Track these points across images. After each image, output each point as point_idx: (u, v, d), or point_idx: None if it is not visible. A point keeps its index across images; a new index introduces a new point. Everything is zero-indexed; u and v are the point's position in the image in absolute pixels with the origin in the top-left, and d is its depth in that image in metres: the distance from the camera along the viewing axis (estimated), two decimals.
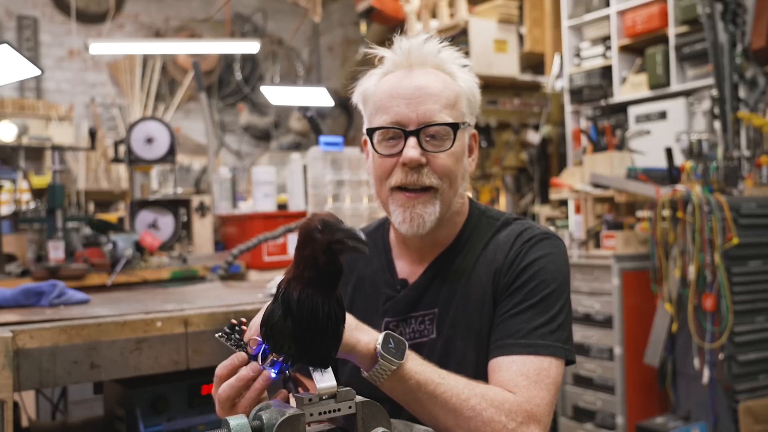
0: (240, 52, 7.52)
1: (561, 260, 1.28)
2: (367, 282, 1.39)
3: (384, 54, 1.33)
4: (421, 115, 1.24)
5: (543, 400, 1.15)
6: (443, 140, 1.25)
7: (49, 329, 1.66)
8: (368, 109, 1.33)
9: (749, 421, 3.05)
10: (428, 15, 5.51)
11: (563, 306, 1.24)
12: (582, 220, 3.78)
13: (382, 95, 1.28)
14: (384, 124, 1.26)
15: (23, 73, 3.07)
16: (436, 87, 1.26)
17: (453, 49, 1.34)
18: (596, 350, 3.54)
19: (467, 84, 1.32)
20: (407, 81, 1.27)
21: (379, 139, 1.28)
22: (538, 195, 5.28)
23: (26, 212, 3.40)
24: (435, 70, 1.30)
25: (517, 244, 1.28)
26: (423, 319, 1.30)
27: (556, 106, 5.32)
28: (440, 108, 1.25)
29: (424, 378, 1.10)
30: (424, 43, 1.30)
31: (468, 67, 1.34)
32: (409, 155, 1.23)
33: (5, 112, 6.23)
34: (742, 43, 3.81)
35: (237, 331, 1.11)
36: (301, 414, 0.91)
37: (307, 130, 7.54)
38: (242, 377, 1.03)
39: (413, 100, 1.24)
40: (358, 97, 1.35)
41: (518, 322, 1.21)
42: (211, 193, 4.00)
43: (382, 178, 1.28)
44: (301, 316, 0.94)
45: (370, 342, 1.09)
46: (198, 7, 7.84)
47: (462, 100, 1.30)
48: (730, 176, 3.40)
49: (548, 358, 1.18)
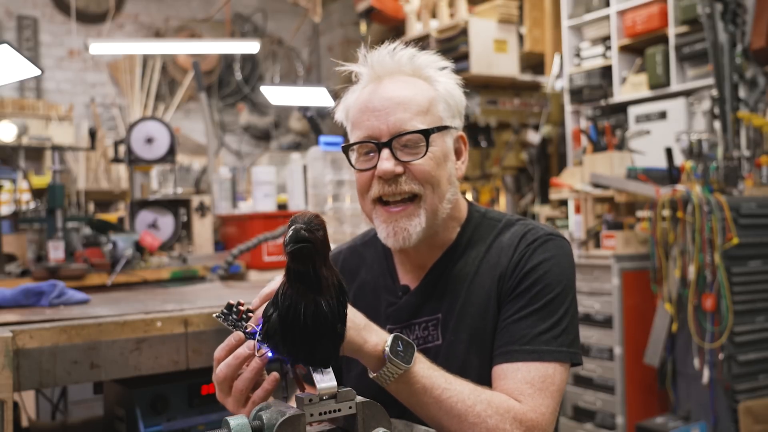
0: (240, 52, 7.52)
1: (566, 261, 1.26)
2: (368, 288, 1.38)
3: (355, 69, 1.32)
4: (391, 125, 1.23)
5: (548, 408, 1.14)
6: (417, 147, 1.23)
7: (49, 329, 1.66)
8: (348, 126, 1.33)
9: (749, 421, 3.05)
10: (428, 15, 5.51)
11: (568, 308, 1.23)
12: (582, 220, 3.78)
13: (355, 111, 1.28)
14: (357, 139, 1.26)
15: (23, 73, 3.07)
16: (405, 95, 1.24)
17: (430, 54, 1.32)
18: (596, 350, 3.54)
19: (445, 87, 1.29)
20: (377, 94, 1.26)
21: (356, 155, 1.28)
22: (538, 195, 5.28)
23: (26, 212, 3.39)
24: (408, 78, 1.28)
25: (521, 247, 1.26)
26: (426, 325, 1.29)
27: (556, 106, 5.32)
28: (411, 116, 1.23)
29: (431, 382, 1.10)
30: (392, 54, 1.29)
31: (447, 69, 1.32)
32: (383, 168, 1.22)
33: (5, 112, 6.23)
34: (742, 43, 3.81)
35: (234, 312, 1.10)
36: (301, 414, 0.91)
37: (307, 130, 7.54)
38: (238, 355, 1.04)
39: (382, 112, 1.23)
40: (341, 115, 1.35)
41: (522, 327, 1.20)
42: (211, 193, 4.00)
43: (363, 192, 1.28)
44: (285, 318, 0.94)
45: (378, 343, 1.08)
46: (198, 7, 7.84)
47: (438, 103, 1.27)
48: (730, 176, 3.40)
49: (553, 364, 1.17)
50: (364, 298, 1.37)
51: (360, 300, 1.36)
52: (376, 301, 1.35)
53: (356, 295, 1.38)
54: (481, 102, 5.18)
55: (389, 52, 1.29)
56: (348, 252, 1.47)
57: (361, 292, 1.38)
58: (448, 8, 5.41)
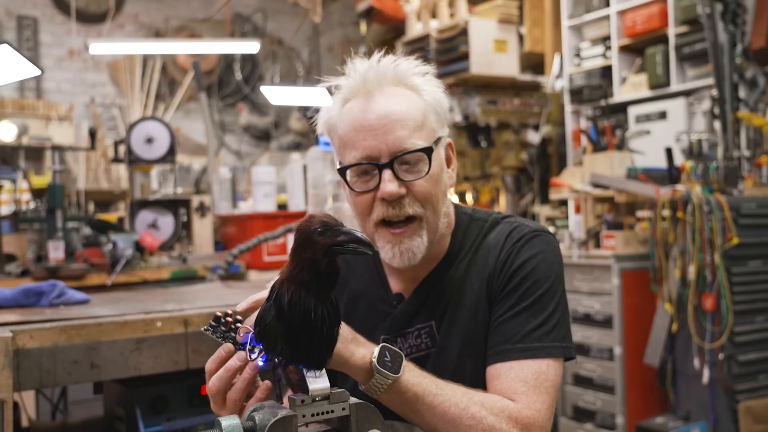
0: (240, 52, 7.52)
1: (552, 257, 1.25)
2: (361, 298, 1.35)
3: (338, 82, 1.27)
4: (391, 144, 1.18)
5: (543, 405, 1.14)
6: (419, 165, 1.20)
7: (49, 329, 1.66)
8: (335, 142, 1.27)
9: (749, 421, 3.05)
10: (428, 15, 5.51)
11: (558, 303, 1.22)
12: (582, 220, 3.78)
13: (347, 129, 1.22)
14: (354, 160, 1.20)
15: (23, 73, 3.07)
16: (400, 110, 1.19)
17: (409, 59, 1.26)
18: (596, 350, 3.54)
19: (432, 95, 1.24)
20: (369, 110, 1.20)
21: (353, 176, 1.22)
22: (538, 195, 5.28)
23: (26, 212, 3.39)
24: (395, 88, 1.23)
25: (507, 246, 1.25)
26: (419, 333, 1.28)
27: (556, 106, 5.32)
28: (409, 133, 1.18)
29: (422, 389, 1.09)
30: (378, 64, 1.23)
31: (428, 74, 1.26)
32: (387, 190, 1.18)
33: (5, 112, 6.23)
34: (742, 43, 3.80)
35: (223, 323, 1.10)
36: (293, 415, 0.91)
37: (307, 130, 7.53)
38: (230, 368, 1.03)
39: (379, 130, 1.18)
40: (322, 128, 1.29)
41: (513, 325, 1.19)
42: (211, 193, 4.00)
43: (364, 214, 1.23)
44: (293, 318, 0.94)
45: (365, 355, 1.08)
46: (198, 7, 7.84)
47: (430, 115, 1.23)
48: (730, 176, 3.40)
49: (546, 360, 1.17)
50: (356, 309, 1.34)
51: (352, 311, 1.34)
52: (369, 312, 1.33)
53: (348, 306, 1.35)
54: (481, 102, 5.18)
55: (376, 63, 1.24)
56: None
57: (353, 302, 1.35)
58: (448, 8, 5.41)
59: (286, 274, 0.97)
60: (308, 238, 0.93)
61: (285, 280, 0.96)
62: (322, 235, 0.92)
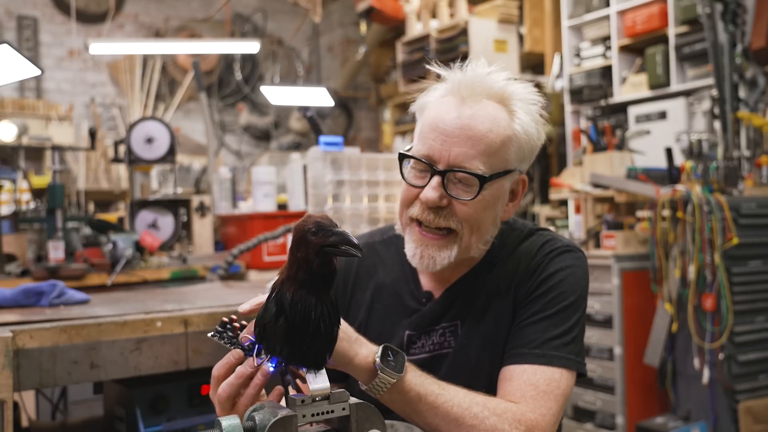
0: (240, 52, 7.52)
1: (581, 273, 1.27)
2: (387, 291, 1.35)
3: (444, 74, 1.24)
4: (453, 156, 1.17)
5: (549, 411, 1.14)
6: (470, 187, 1.18)
7: (49, 329, 1.66)
8: (418, 125, 1.26)
9: (749, 421, 3.05)
10: (428, 15, 5.51)
11: (579, 319, 1.23)
12: (582, 220, 3.78)
13: (429, 121, 1.21)
14: (417, 154, 1.21)
15: (23, 73, 3.07)
16: (479, 129, 1.17)
17: (527, 84, 1.24)
18: (596, 350, 3.54)
19: (524, 127, 1.21)
20: (453, 114, 1.18)
21: (411, 167, 1.23)
22: (538, 195, 5.28)
23: (26, 212, 3.39)
24: (492, 104, 1.20)
25: (539, 256, 1.27)
26: (444, 331, 1.28)
27: (556, 106, 5.32)
28: (476, 154, 1.17)
29: (424, 389, 1.10)
30: (488, 74, 1.21)
31: (537, 105, 1.24)
32: (426, 195, 1.18)
33: (5, 112, 6.23)
34: (742, 43, 3.81)
35: (229, 329, 1.09)
36: (293, 415, 0.91)
37: (307, 130, 7.54)
38: (241, 374, 1.02)
39: (450, 139, 1.17)
40: (416, 107, 1.28)
41: (534, 331, 1.20)
42: (211, 193, 4.00)
43: (405, 204, 1.24)
44: (294, 317, 0.94)
45: (368, 355, 1.08)
46: (198, 7, 7.84)
47: (511, 145, 1.20)
48: (730, 176, 3.40)
49: (560, 370, 1.17)
50: (381, 300, 1.34)
51: (378, 302, 1.34)
52: (397, 305, 1.33)
53: (373, 296, 1.35)
54: None
55: (483, 74, 1.21)
56: (365, 248, 1.45)
57: (379, 293, 1.35)
58: (448, 8, 5.42)
59: (284, 274, 0.97)
60: (302, 238, 0.94)
61: (285, 280, 0.96)
62: (315, 235, 0.93)
